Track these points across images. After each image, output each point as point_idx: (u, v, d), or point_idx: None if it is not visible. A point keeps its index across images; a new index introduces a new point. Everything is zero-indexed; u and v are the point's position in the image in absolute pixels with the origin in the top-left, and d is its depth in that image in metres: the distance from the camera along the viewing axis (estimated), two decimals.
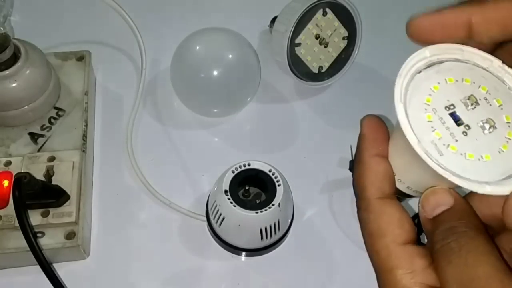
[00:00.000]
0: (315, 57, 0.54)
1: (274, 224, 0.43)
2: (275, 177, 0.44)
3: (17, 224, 0.40)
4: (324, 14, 0.52)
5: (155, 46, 0.59)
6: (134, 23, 0.58)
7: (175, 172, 0.52)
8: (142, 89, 0.56)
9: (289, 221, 0.46)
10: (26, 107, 0.48)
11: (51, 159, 0.46)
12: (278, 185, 0.43)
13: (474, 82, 0.24)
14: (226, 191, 0.43)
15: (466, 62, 0.25)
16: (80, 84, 0.53)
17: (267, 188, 0.43)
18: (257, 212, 0.42)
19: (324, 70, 0.55)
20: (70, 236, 0.43)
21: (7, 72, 0.46)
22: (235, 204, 0.42)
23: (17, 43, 0.47)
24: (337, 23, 0.53)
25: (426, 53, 0.25)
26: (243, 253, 0.46)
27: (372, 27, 0.60)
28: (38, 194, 0.41)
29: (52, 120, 0.50)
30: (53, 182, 0.44)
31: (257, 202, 0.43)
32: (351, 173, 0.49)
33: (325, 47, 0.54)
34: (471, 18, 0.25)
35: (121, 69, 0.59)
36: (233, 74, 0.51)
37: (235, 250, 0.46)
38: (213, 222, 0.45)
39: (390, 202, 0.26)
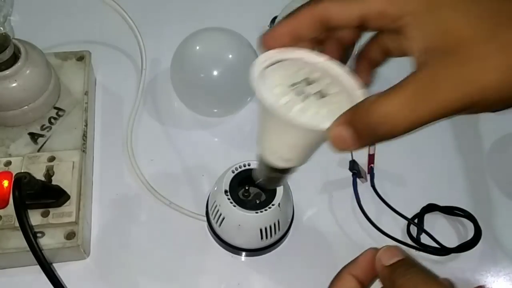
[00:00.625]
0: None
1: (274, 224, 0.43)
2: None
3: (17, 224, 0.40)
4: None
5: (155, 46, 0.59)
6: (134, 23, 0.58)
7: (175, 172, 0.52)
8: (142, 89, 0.56)
9: (289, 221, 0.46)
10: (26, 107, 0.48)
11: (51, 159, 0.46)
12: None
13: (310, 71, 0.31)
14: (226, 191, 0.43)
15: (301, 59, 0.31)
16: (80, 84, 0.53)
17: (267, 189, 0.43)
18: (257, 212, 0.42)
19: None
20: (70, 236, 0.43)
21: (7, 72, 0.46)
22: (235, 204, 0.42)
23: (17, 43, 0.47)
24: None
25: (271, 54, 0.31)
26: (243, 253, 0.46)
27: None
28: (38, 194, 0.41)
29: (52, 120, 0.50)
30: (53, 182, 0.45)
31: (257, 202, 0.43)
32: (351, 173, 0.49)
33: None
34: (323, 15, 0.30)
35: (121, 69, 0.59)
36: (233, 74, 0.51)
37: (235, 250, 0.46)
38: (213, 222, 0.45)
39: None
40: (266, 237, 0.44)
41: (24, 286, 0.44)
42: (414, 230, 0.48)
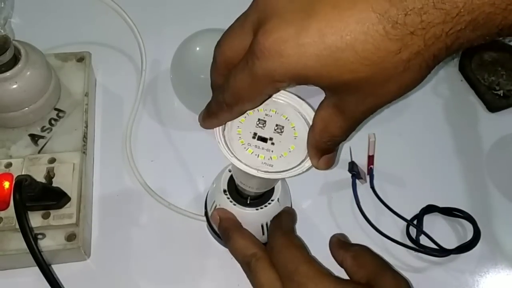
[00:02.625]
0: None
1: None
2: None
3: (17, 226, 0.40)
4: None
5: (155, 47, 0.59)
6: (134, 23, 0.58)
7: (175, 173, 0.52)
8: (142, 90, 0.56)
9: None
10: (27, 108, 0.48)
11: (52, 160, 0.46)
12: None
13: (265, 109, 0.36)
14: (225, 191, 0.43)
15: None
16: (80, 85, 0.53)
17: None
18: (257, 209, 0.42)
19: None
20: (70, 237, 0.43)
21: (7, 74, 0.46)
22: (235, 203, 0.42)
23: (18, 45, 0.47)
24: None
25: None
26: None
27: None
28: (38, 197, 0.41)
29: (53, 122, 0.50)
30: (54, 184, 0.45)
31: (256, 198, 0.43)
32: (350, 175, 0.50)
33: None
34: None
35: (121, 70, 0.59)
36: None
37: None
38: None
39: None
40: (267, 232, 0.44)
41: (24, 287, 0.44)
42: (413, 231, 0.48)
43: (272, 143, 0.35)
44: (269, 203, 0.42)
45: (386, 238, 0.46)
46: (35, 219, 0.43)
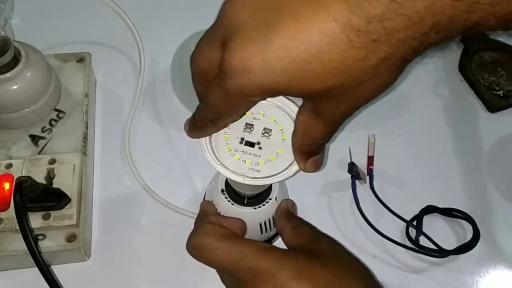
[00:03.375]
0: None
1: (273, 218, 0.44)
2: None
3: (18, 227, 0.40)
4: None
5: (155, 48, 0.59)
6: (132, 23, 0.58)
7: (175, 173, 0.52)
8: (141, 89, 0.56)
9: None
10: (27, 109, 0.48)
11: (52, 161, 0.46)
12: None
13: (252, 112, 0.36)
14: (222, 190, 0.43)
15: None
16: (81, 86, 0.53)
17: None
18: (255, 208, 0.42)
19: None
20: (71, 238, 0.44)
21: (7, 74, 0.46)
22: (233, 202, 0.42)
23: (18, 46, 0.47)
24: None
25: None
26: None
27: None
28: (39, 198, 0.41)
29: (53, 122, 0.50)
30: (54, 185, 0.45)
31: (254, 198, 0.43)
32: (350, 175, 0.50)
33: None
34: None
35: (121, 71, 0.59)
36: None
37: None
38: None
39: None
40: (266, 231, 0.44)
41: (25, 287, 0.45)
42: (413, 232, 0.48)
43: (260, 148, 0.35)
44: (266, 202, 0.43)
45: (386, 239, 0.47)
46: (36, 220, 0.43)
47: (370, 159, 0.51)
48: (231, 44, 0.27)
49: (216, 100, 0.31)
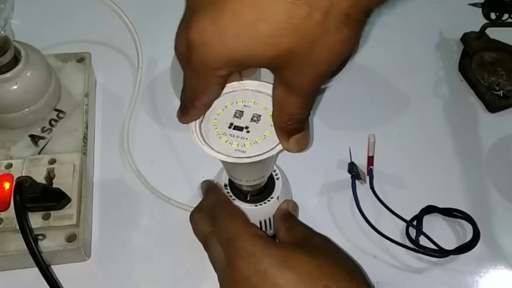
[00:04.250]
0: None
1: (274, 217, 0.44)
2: (274, 171, 0.44)
3: (18, 227, 0.41)
4: None
5: (155, 48, 0.59)
6: (131, 22, 0.58)
7: (175, 173, 0.52)
8: (138, 88, 0.56)
9: None
10: (27, 109, 0.48)
11: (52, 161, 0.46)
12: (277, 179, 0.44)
13: (232, 103, 0.37)
14: (225, 185, 0.43)
15: (221, 98, 0.36)
16: (81, 86, 0.53)
17: (266, 182, 0.44)
18: (256, 205, 0.42)
19: None
20: (71, 238, 0.44)
21: (7, 74, 0.46)
22: (235, 198, 0.42)
23: (18, 46, 0.47)
24: None
25: None
26: None
27: (373, 28, 0.60)
28: (39, 198, 0.41)
29: (53, 122, 0.50)
30: (54, 185, 0.45)
31: (256, 195, 0.43)
32: (350, 175, 0.50)
33: None
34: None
35: (121, 70, 0.59)
36: None
37: None
38: None
39: None
40: (266, 230, 0.44)
41: (25, 287, 0.45)
42: (413, 232, 0.48)
43: (248, 131, 0.36)
44: (268, 201, 0.43)
45: (386, 239, 0.46)
46: (36, 220, 0.43)
47: (370, 159, 0.51)
48: (189, 21, 0.29)
49: (188, 79, 0.32)
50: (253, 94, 0.37)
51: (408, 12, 0.64)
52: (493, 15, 0.60)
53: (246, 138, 0.35)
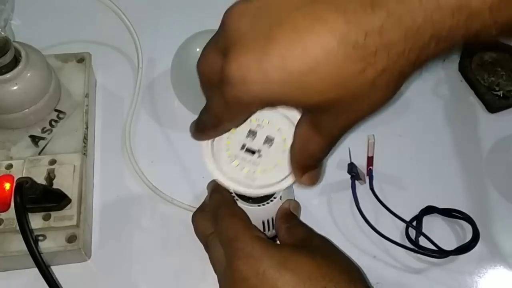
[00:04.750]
0: None
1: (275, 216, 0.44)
2: None
3: (18, 228, 0.41)
4: None
5: (155, 48, 0.59)
6: (130, 22, 0.58)
7: (175, 173, 0.52)
8: (139, 88, 0.56)
9: None
10: (27, 110, 0.49)
11: (52, 162, 0.46)
12: None
13: (258, 119, 0.36)
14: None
15: None
16: (81, 86, 0.53)
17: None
18: (259, 205, 0.42)
19: None
20: (71, 239, 0.44)
21: (8, 75, 0.46)
22: (238, 198, 0.42)
23: (18, 46, 0.47)
24: None
25: None
26: None
27: None
28: (39, 198, 0.41)
29: (53, 123, 0.50)
30: (54, 185, 0.45)
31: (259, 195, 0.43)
32: (349, 176, 0.50)
33: None
34: None
35: (121, 71, 0.59)
36: None
37: None
38: None
39: None
40: (269, 229, 0.44)
41: (25, 287, 0.45)
42: (412, 232, 0.48)
43: (259, 156, 0.36)
44: (271, 200, 0.43)
45: (385, 239, 0.47)
46: (36, 221, 0.43)
47: (370, 160, 0.51)
48: (230, 54, 0.28)
49: (216, 106, 0.31)
50: (268, 113, 0.36)
51: None
52: None
53: (258, 164, 0.35)
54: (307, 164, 0.34)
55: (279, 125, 0.36)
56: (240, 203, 0.42)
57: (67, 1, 0.64)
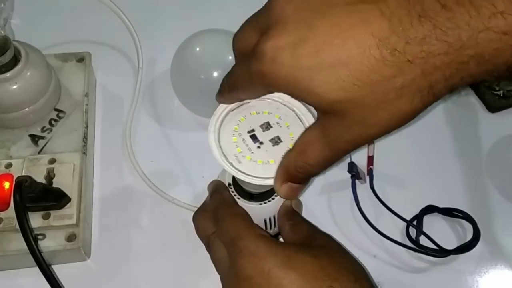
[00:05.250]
0: None
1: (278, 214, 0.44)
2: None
3: (18, 227, 0.41)
4: None
5: (155, 48, 0.59)
6: (130, 22, 0.58)
7: (175, 173, 0.52)
8: (139, 88, 0.56)
9: None
10: (27, 109, 0.48)
11: (52, 161, 0.46)
12: None
13: (270, 113, 0.36)
14: (229, 184, 0.43)
15: (266, 99, 0.36)
16: (81, 86, 0.53)
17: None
18: (260, 204, 0.42)
19: None
20: (71, 238, 0.44)
21: (7, 74, 0.46)
22: (239, 197, 0.42)
23: (18, 46, 0.47)
24: None
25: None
26: None
27: None
28: (39, 197, 0.41)
29: (53, 122, 0.50)
30: (54, 185, 0.45)
31: (261, 194, 0.43)
32: (350, 175, 0.50)
33: None
34: None
35: (121, 70, 0.59)
36: None
37: None
38: None
39: None
40: (270, 227, 0.44)
41: (25, 287, 0.45)
42: (413, 231, 0.48)
43: (259, 147, 0.35)
44: (272, 199, 0.43)
45: (386, 239, 0.47)
46: (36, 220, 0.43)
47: (370, 159, 0.51)
48: (269, 32, 0.28)
49: (238, 73, 0.33)
50: (293, 118, 0.36)
51: None
52: None
53: (252, 153, 0.35)
54: (295, 173, 0.33)
55: (295, 133, 0.35)
56: (241, 202, 0.42)
57: (67, 1, 0.64)
